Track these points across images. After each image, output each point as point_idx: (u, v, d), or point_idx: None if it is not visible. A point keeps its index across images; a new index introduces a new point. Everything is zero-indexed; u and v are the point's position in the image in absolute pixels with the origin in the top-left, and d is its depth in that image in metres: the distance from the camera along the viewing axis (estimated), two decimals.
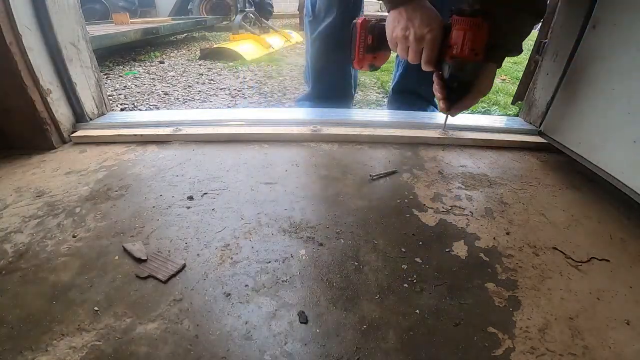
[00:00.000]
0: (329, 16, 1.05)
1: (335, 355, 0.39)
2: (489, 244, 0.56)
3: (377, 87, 1.90)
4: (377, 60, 0.76)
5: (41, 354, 0.38)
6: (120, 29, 2.73)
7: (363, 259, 0.53)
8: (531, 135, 0.90)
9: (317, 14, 1.08)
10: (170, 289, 0.47)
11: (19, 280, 0.48)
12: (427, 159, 0.83)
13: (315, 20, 1.09)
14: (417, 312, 0.44)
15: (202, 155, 0.83)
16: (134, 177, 0.74)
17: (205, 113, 1.09)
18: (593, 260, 0.53)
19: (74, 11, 0.86)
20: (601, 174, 0.68)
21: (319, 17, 1.08)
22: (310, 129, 0.92)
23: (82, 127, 0.92)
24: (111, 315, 0.43)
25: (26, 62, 0.76)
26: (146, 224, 0.60)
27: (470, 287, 0.48)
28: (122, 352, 0.39)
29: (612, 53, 0.66)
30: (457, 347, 0.40)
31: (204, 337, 0.41)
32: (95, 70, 0.96)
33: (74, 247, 0.54)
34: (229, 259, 0.52)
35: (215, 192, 0.68)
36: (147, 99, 1.66)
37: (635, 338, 0.41)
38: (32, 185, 0.71)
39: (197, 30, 4.20)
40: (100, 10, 4.86)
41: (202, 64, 2.49)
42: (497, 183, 0.73)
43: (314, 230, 0.58)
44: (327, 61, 1.14)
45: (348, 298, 0.46)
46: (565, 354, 0.39)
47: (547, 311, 0.44)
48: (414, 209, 0.64)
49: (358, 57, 0.74)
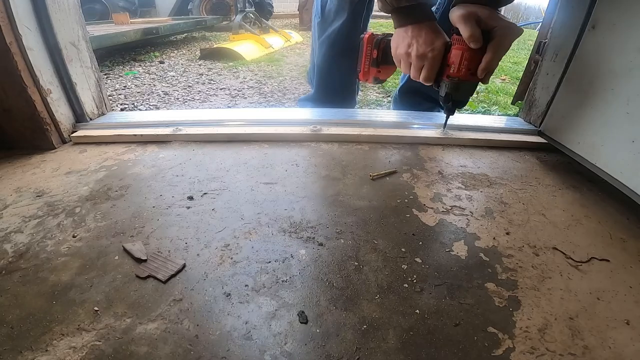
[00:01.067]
0: (338, 19, 1.03)
1: (335, 355, 0.39)
2: (489, 244, 0.56)
3: (377, 87, 1.90)
4: (381, 74, 0.78)
5: (41, 354, 0.38)
6: (120, 29, 2.74)
7: (363, 259, 0.53)
8: (531, 135, 0.90)
9: (327, 16, 1.06)
10: (170, 289, 0.47)
11: (19, 280, 0.48)
12: (427, 159, 0.83)
13: (324, 22, 1.07)
14: (417, 312, 0.44)
15: (202, 155, 0.83)
16: (134, 177, 0.74)
17: (205, 113, 1.09)
18: (593, 260, 0.53)
19: (74, 11, 0.86)
20: (600, 174, 0.68)
21: (328, 19, 1.05)
22: (310, 129, 0.92)
23: (82, 127, 0.92)
24: (111, 315, 0.43)
25: (26, 62, 0.76)
26: (146, 224, 0.60)
27: (470, 287, 0.48)
28: (122, 352, 0.39)
29: (612, 53, 0.66)
30: (457, 347, 0.40)
31: (204, 337, 0.41)
32: (95, 70, 0.96)
33: (74, 247, 0.54)
34: (229, 259, 0.52)
35: (215, 192, 0.68)
36: (147, 99, 1.66)
37: (635, 338, 0.41)
38: (32, 185, 0.71)
39: (197, 30, 4.20)
40: (100, 10, 4.87)
41: (202, 64, 2.49)
42: (497, 183, 0.73)
43: (314, 230, 0.58)
44: (333, 65, 1.12)
45: (348, 298, 0.46)
46: (565, 354, 0.39)
47: (547, 311, 0.44)
48: (414, 209, 0.64)
49: (363, 70, 0.77)
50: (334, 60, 1.11)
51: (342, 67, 1.10)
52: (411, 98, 1.21)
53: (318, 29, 1.11)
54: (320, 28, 1.10)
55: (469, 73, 0.62)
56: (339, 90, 1.18)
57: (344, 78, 1.15)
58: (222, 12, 4.98)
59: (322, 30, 1.09)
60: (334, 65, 1.12)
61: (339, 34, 1.04)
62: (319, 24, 1.10)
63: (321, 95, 1.21)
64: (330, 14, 1.05)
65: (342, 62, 1.09)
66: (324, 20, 1.07)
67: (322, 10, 1.08)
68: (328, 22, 1.06)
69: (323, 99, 1.20)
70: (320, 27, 1.10)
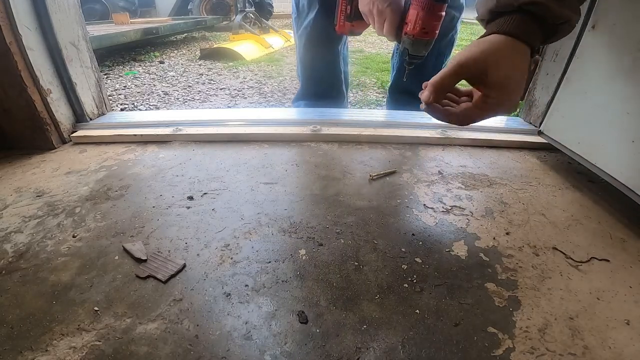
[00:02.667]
0: (311, 12, 1.08)
1: (335, 355, 0.39)
2: (489, 244, 0.56)
3: (377, 87, 1.90)
4: (355, 28, 0.83)
5: (41, 354, 0.38)
6: (120, 29, 2.74)
7: (363, 259, 0.53)
8: (531, 135, 0.90)
9: (301, 11, 1.12)
10: (170, 289, 0.47)
11: (19, 280, 0.48)
12: (427, 159, 0.83)
13: (299, 17, 1.13)
14: (417, 312, 0.44)
15: (202, 155, 0.83)
16: (134, 177, 0.74)
17: (205, 113, 1.09)
18: (593, 260, 0.53)
19: (74, 11, 0.86)
20: (600, 174, 0.68)
21: (302, 13, 1.11)
22: (310, 129, 0.92)
23: (82, 127, 0.92)
24: (111, 315, 0.43)
25: (26, 62, 0.76)
26: (146, 224, 0.60)
27: (470, 287, 0.48)
28: (122, 352, 0.39)
29: (612, 53, 0.66)
30: (457, 347, 0.40)
31: (204, 337, 0.41)
32: (95, 70, 0.96)
33: (74, 247, 0.54)
34: (229, 259, 0.52)
35: (215, 192, 0.68)
36: (147, 99, 1.66)
37: (635, 338, 0.41)
38: (32, 185, 0.71)
39: (197, 30, 4.20)
40: (100, 10, 4.87)
41: (202, 64, 2.49)
42: (497, 183, 0.73)
43: (314, 230, 0.58)
44: (313, 56, 1.17)
45: (348, 298, 0.46)
46: (565, 354, 0.39)
47: (547, 311, 0.44)
48: (414, 209, 0.64)
49: (339, 24, 0.83)
50: (313, 50, 1.15)
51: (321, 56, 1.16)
52: (400, 97, 1.24)
53: (295, 24, 1.17)
54: (297, 23, 1.16)
55: (423, 32, 0.64)
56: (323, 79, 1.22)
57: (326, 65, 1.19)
58: (222, 12, 4.98)
59: (299, 24, 1.14)
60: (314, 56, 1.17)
61: (313, 25, 1.09)
62: (296, 19, 1.16)
63: (307, 87, 1.25)
64: (304, 8, 1.10)
65: (320, 52, 1.14)
66: (299, 15, 1.13)
67: (296, 6, 1.14)
68: (302, 16, 1.11)
69: (310, 90, 1.24)
70: (297, 22, 1.15)
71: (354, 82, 1.95)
